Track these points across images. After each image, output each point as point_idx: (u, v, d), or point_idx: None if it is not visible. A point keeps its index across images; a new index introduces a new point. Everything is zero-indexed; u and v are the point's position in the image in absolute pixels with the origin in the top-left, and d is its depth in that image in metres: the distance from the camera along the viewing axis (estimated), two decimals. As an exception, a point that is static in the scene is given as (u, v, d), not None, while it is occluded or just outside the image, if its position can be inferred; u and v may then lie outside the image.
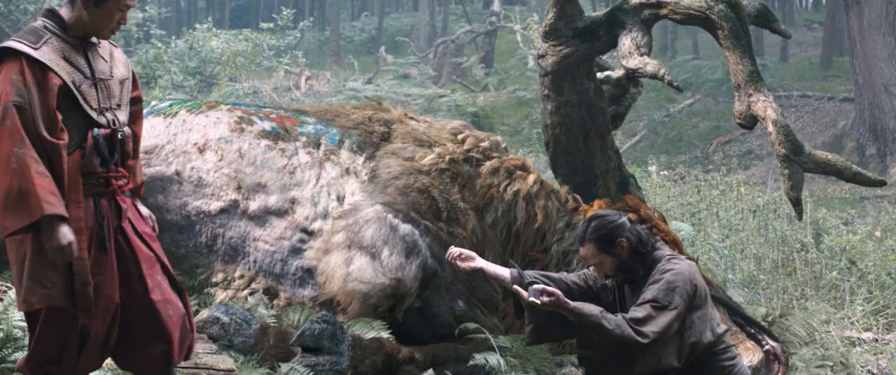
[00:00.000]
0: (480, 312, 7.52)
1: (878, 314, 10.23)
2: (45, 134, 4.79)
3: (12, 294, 6.69)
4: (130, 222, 5.17)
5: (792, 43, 37.78)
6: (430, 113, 26.45)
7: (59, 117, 4.86)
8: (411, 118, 8.26)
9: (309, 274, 7.45)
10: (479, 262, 6.08)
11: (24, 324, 6.44)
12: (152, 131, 7.91)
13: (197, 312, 7.33)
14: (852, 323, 9.94)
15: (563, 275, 6.10)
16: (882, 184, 8.04)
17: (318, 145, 7.86)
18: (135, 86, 5.37)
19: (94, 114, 5.01)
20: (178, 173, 7.75)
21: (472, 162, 7.84)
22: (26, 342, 6.24)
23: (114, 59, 5.20)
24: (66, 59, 4.94)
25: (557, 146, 8.94)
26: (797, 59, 37.84)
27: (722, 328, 5.78)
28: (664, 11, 8.27)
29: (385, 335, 7.05)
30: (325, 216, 7.56)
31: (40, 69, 4.84)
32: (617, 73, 9.27)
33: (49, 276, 4.83)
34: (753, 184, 20.73)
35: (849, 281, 11.22)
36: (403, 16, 59.63)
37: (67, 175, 4.86)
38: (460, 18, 52.78)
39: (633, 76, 8.57)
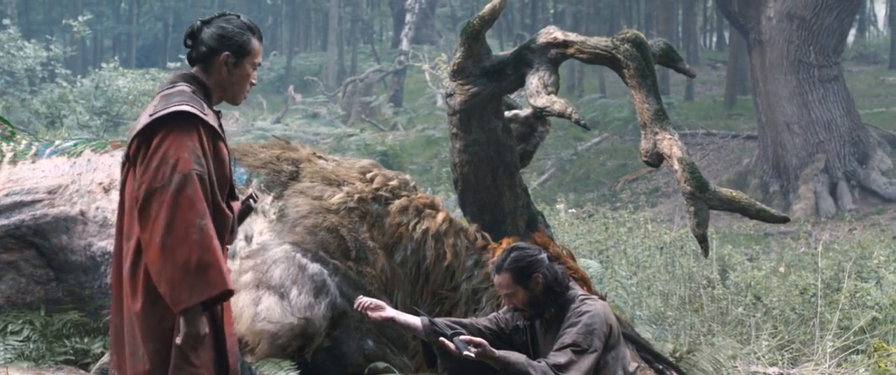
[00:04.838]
0: (390, 351, 7.48)
1: (784, 349, 10.36)
2: (223, 204, 4.52)
3: None
4: None
5: (696, 82, 38.35)
6: (339, 152, 26.40)
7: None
8: (320, 157, 8.22)
9: (216, 314, 7.36)
10: (389, 312, 6.04)
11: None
12: (56, 171, 7.78)
13: (101, 354, 7.23)
14: (758, 358, 10.05)
15: (474, 321, 6.10)
16: (785, 220, 8.14)
17: (225, 184, 7.78)
18: None
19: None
20: (82, 213, 7.62)
21: (380, 200, 7.82)
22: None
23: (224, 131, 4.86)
24: (220, 127, 4.64)
25: (466, 184, 8.94)
26: (702, 97, 38.43)
27: (632, 366, 5.83)
28: (571, 51, 8.33)
29: (294, 375, 6.99)
30: (232, 256, 7.47)
31: (211, 136, 4.51)
32: (525, 112, 9.29)
33: (198, 353, 4.45)
34: (660, 221, 20.97)
35: (754, 316, 11.36)
36: (312, 55, 59.62)
37: None
38: (369, 57, 52.92)
39: (540, 115, 8.61)
